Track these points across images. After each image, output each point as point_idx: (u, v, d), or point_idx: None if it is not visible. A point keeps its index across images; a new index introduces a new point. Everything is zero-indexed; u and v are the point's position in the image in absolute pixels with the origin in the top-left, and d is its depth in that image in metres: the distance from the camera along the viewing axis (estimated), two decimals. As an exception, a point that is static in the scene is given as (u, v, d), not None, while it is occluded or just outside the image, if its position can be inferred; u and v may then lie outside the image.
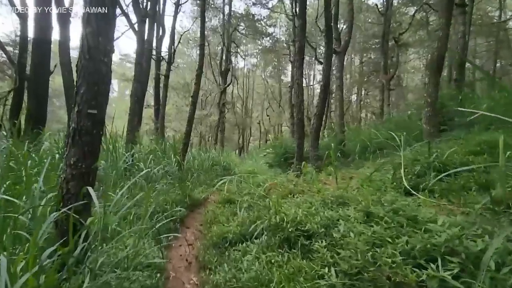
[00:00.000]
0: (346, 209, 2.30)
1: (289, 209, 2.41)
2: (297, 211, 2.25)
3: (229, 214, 3.42)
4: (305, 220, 2.10)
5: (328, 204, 2.60)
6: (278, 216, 2.18)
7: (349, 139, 9.76)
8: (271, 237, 2.08)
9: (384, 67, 14.85)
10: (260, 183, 5.65)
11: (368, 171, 4.88)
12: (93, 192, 1.90)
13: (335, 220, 2.08)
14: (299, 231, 2.02)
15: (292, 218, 2.12)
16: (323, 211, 2.34)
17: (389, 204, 2.14)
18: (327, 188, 4.27)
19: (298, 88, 6.81)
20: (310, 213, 2.21)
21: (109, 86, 2.13)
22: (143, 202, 4.08)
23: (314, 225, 2.00)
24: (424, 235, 1.66)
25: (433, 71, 6.14)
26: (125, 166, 5.51)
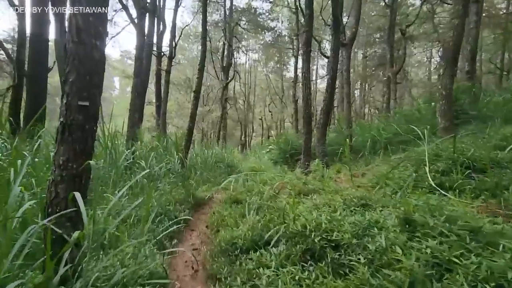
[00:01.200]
0: (373, 213, 2.03)
1: (308, 212, 2.16)
2: (319, 216, 1.98)
3: (237, 216, 3.16)
4: (330, 227, 1.82)
5: (351, 206, 2.34)
6: (299, 222, 1.91)
7: (356, 134, 9.46)
8: (291, 247, 1.82)
9: (390, 60, 14.45)
10: (267, 181, 5.40)
11: (382, 168, 4.60)
12: (81, 199, 1.64)
13: (365, 227, 1.81)
14: (325, 241, 1.74)
15: (316, 225, 1.85)
16: (348, 215, 2.08)
17: (435, 210, 1.81)
18: (342, 187, 4.01)
19: (305, 81, 6.52)
20: (335, 219, 1.94)
21: (103, 74, 1.86)
22: (145, 203, 3.85)
23: (345, 235, 1.71)
24: (506, 256, 1.35)
25: (449, 61, 5.82)
26: (125, 164, 5.29)
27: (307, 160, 6.72)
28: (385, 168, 4.37)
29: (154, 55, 14.21)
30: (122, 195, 3.68)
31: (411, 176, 3.12)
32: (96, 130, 1.89)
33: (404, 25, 14.07)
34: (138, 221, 3.29)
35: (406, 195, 2.71)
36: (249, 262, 1.94)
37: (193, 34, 26.38)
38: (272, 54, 29.99)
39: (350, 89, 9.78)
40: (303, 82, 6.63)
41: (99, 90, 1.83)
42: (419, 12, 14.64)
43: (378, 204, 2.33)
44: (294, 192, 4.08)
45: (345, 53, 9.29)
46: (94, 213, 2.02)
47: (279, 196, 3.46)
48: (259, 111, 33.22)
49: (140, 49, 7.12)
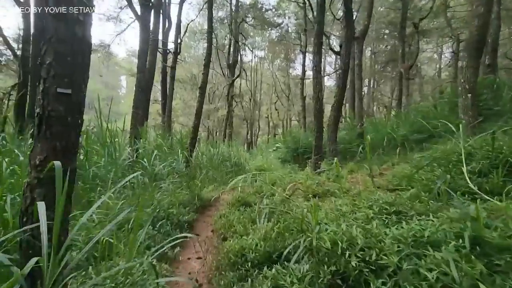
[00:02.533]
0: (413, 223, 1.68)
1: (331, 221, 1.83)
2: (349, 228, 1.64)
3: (246, 221, 2.85)
4: (366, 243, 1.48)
5: (382, 214, 2.00)
6: (326, 236, 1.57)
7: (368, 132, 9.05)
8: (316, 266, 1.49)
9: (402, 55, 13.92)
10: (276, 181, 5.08)
11: (402, 168, 4.23)
12: (43, 211, 1.33)
13: (413, 245, 1.46)
14: (363, 262, 1.40)
15: (348, 240, 1.52)
16: (380, 224, 1.75)
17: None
18: (360, 188, 3.66)
19: (316, 75, 6.16)
20: (371, 232, 1.60)
21: (89, 57, 1.56)
22: (147, 204, 3.57)
23: (390, 256, 1.36)
24: None
25: (472, 53, 5.39)
26: (127, 163, 5.03)
27: (319, 159, 6.37)
28: (406, 168, 4.00)
29: (159, 52, 14.01)
30: (120, 197, 3.42)
31: (442, 177, 2.76)
32: (82, 124, 1.59)
33: (417, 18, 13.50)
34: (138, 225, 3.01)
35: (445, 200, 2.36)
36: (263, 281, 1.62)
37: (199, 32, 26.08)
38: (279, 51, 29.57)
39: (362, 85, 9.37)
40: (314, 76, 6.27)
41: (84, 75, 1.53)
42: (433, 5, 14.05)
43: (411, 211, 1.99)
44: (308, 194, 3.76)
45: (357, 47, 8.88)
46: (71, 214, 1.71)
47: (292, 199, 3.13)
48: (266, 108, 32.85)
49: (144, 43, 6.86)
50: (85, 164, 4.06)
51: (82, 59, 1.49)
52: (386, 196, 2.35)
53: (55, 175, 1.47)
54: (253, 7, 20.36)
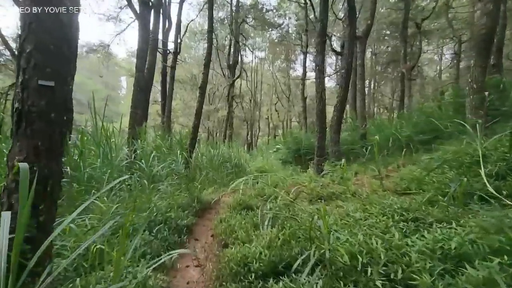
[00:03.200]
0: (434, 232, 1.52)
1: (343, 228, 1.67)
2: (367, 239, 1.48)
3: (248, 226, 2.69)
4: (389, 256, 1.31)
5: (398, 221, 1.83)
6: (342, 249, 1.41)
7: (371, 133, 8.89)
8: (332, 284, 1.32)
9: (404, 55, 13.78)
10: (278, 183, 4.91)
11: (409, 170, 4.07)
12: (7, 220, 1.16)
13: (440, 258, 1.30)
14: (386, 279, 1.23)
15: (367, 252, 1.36)
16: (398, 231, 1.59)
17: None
18: (366, 191, 3.50)
19: (319, 74, 6.01)
20: (392, 244, 1.43)
21: (76, 47, 1.40)
22: (143, 207, 3.41)
23: (422, 274, 1.18)
24: None
25: (481, 52, 5.24)
26: (125, 164, 4.87)
27: (321, 161, 6.21)
28: (414, 170, 3.84)
29: (159, 53, 13.85)
30: (115, 200, 3.25)
31: (456, 180, 2.60)
32: (69, 122, 1.43)
33: (419, 18, 13.37)
34: (134, 230, 2.85)
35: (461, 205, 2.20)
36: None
37: (199, 32, 25.95)
38: (279, 52, 29.44)
39: (364, 85, 9.21)
40: (317, 76, 6.11)
41: (70, 66, 1.37)
42: (436, 6, 13.92)
43: (429, 218, 1.83)
44: (312, 197, 3.60)
45: (359, 47, 8.73)
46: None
47: (296, 203, 2.97)
48: (266, 109, 32.70)
49: (143, 42, 6.70)
50: (80, 165, 3.90)
51: (67, 48, 1.33)
52: (399, 201, 2.19)
53: (38, 177, 1.31)
54: (254, 8, 20.24)
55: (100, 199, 3.13)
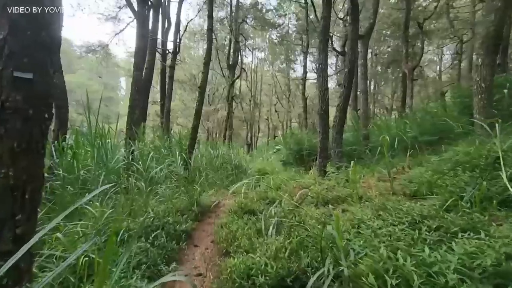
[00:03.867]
0: (463, 244, 1.35)
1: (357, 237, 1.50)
2: (392, 254, 1.30)
3: (251, 233, 2.52)
4: (419, 275, 1.14)
5: (421, 231, 1.65)
6: (366, 267, 1.24)
7: (373, 134, 8.73)
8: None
9: (405, 55, 13.65)
10: (281, 185, 4.75)
11: (418, 172, 3.90)
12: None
13: (481, 280, 1.13)
14: None
15: (395, 270, 1.18)
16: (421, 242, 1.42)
17: None
18: (373, 194, 3.33)
19: (322, 73, 5.85)
20: (422, 261, 1.26)
21: (58, 34, 1.23)
22: (140, 211, 3.24)
23: None
24: None
25: (489, 50, 5.08)
26: (122, 166, 4.70)
27: (324, 162, 6.04)
28: (423, 172, 3.67)
29: (158, 53, 13.70)
30: (110, 204, 3.08)
31: (473, 183, 2.44)
32: (49, 119, 1.26)
33: (421, 18, 13.25)
34: (130, 237, 2.68)
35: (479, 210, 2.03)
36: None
37: (198, 32, 25.82)
38: (279, 52, 29.33)
39: (367, 85, 9.06)
40: (320, 75, 5.96)
41: (51, 56, 1.20)
42: (437, 5, 13.80)
43: (452, 226, 1.66)
44: (317, 201, 3.43)
45: (362, 46, 8.59)
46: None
47: (302, 208, 2.80)
48: (266, 110, 32.57)
49: (141, 40, 6.54)
50: (74, 166, 3.73)
51: (48, 35, 1.16)
52: (417, 207, 2.02)
53: (13, 184, 1.14)
54: (254, 8, 20.12)
55: (93, 203, 2.96)
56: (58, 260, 1.93)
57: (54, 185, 3.53)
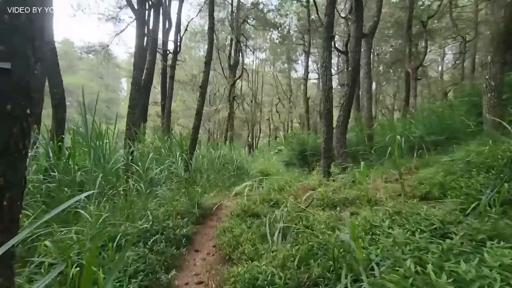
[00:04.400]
0: (498, 256, 1.20)
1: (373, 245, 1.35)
2: (418, 267, 1.16)
3: (255, 238, 2.38)
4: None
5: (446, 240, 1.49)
6: (392, 284, 1.10)
7: (377, 134, 8.57)
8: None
9: (409, 55, 13.49)
10: (285, 187, 4.60)
11: (428, 172, 3.74)
12: None
13: None
14: None
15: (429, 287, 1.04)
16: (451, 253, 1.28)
17: None
18: (380, 196, 3.18)
19: (326, 71, 5.71)
20: (458, 275, 1.12)
21: (42, 18, 1.09)
22: (138, 215, 3.10)
23: None
24: None
25: (499, 46, 4.93)
26: (121, 167, 4.57)
27: (328, 163, 5.89)
28: (433, 173, 3.52)
29: (159, 53, 13.60)
30: (106, 207, 2.94)
31: (492, 185, 2.29)
32: (32, 115, 1.12)
33: (424, 17, 13.08)
34: (126, 242, 2.54)
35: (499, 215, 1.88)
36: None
37: (199, 33, 25.73)
38: (280, 53, 29.20)
39: (371, 85, 8.91)
40: (323, 73, 5.81)
41: (33, 44, 1.06)
42: (441, 4, 13.63)
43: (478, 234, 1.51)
44: (324, 203, 3.29)
45: (365, 44, 8.43)
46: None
47: (309, 211, 2.65)
48: (268, 110, 32.45)
49: (140, 39, 6.41)
50: (70, 168, 3.60)
51: (28, 20, 1.03)
52: (435, 211, 1.87)
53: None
54: (255, 8, 20.00)
55: (90, 206, 2.83)
56: (48, 268, 1.80)
57: (51, 187, 3.40)
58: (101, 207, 2.92)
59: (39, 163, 3.69)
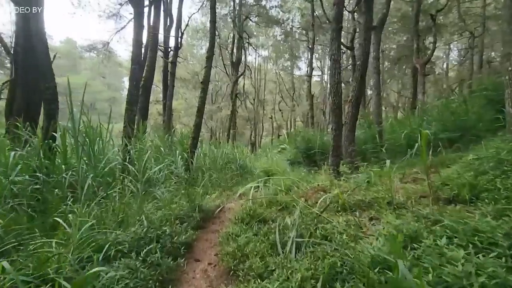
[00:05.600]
0: None
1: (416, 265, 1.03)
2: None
3: (264, 250, 2.06)
4: None
5: None
6: None
7: (386, 131, 8.22)
8: None
9: (416, 50, 13.07)
10: (293, 187, 4.28)
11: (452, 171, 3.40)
12: None
13: None
14: None
15: None
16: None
17: None
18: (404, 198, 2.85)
19: (335, 64, 5.36)
20: None
21: None
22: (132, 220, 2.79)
23: None
24: None
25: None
26: (117, 167, 4.27)
27: (338, 161, 5.55)
28: (460, 173, 3.17)
29: (160, 50, 13.32)
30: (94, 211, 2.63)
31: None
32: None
33: (434, 10, 12.67)
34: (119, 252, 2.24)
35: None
36: None
37: (201, 30, 25.41)
38: (283, 50, 28.83)
39: (380, 79, 8.52)
40: (332, 66, 5.46)
41: None
42: (449, -3, 13.19)
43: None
44: (338, 206, 2.96)
45: (374, 38, 8.05)
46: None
47: (324, 216, 2.33)
48: (271, 108, 32.13)
49: (138, 32, 6.09)
50: (62, 168, 3.31)
51: None
52: (491, 222, 1.53)
53: None
54: (257, 5, 19.64)
55: (79, 211, 2.53)
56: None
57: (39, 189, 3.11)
58: (90, 211, 2.62)
59: (27, 162, 3.40)
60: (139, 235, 2.44)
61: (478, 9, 17.35)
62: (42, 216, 2.79)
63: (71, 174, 3.24)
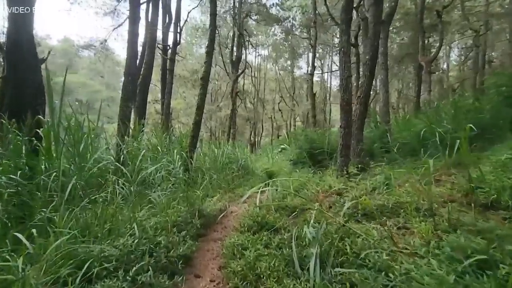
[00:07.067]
0: None
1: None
2: None
3: (279, 266, 1.69)
4: None
5: None
6: None
7: (395, 129, 7.86)
8: None
9: (422, 48, 12.75)
10: (301, 189, 3.92)
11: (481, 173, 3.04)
12: None
13: None
14: None
15: None
16: None
17: None
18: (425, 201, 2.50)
19: (344, 58, 5.00)
20: None
21: None
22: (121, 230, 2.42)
23: None
24: None
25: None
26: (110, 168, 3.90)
27: (347, 161, 5.19)
28: (499, 175, 2.81)
29: (159, 48, 12.95)
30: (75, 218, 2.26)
31: None
32: None
33: (440, 7, 12.35)
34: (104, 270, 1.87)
35: None
36: None
37: (200, 28, 25.04)
38: (283, 50, 28.49)
39: (387, 76, 8.17)
40: (341, 60, 5.12)
41: None
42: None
43: None
44: (356, 211, 2.60)
45: (382, 32, 7.70)
46: None
47: (352, 227, 1.96)
48: (271, 107, 31.79)
49: (133, 24, 5.73)
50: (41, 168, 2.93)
51: None
52: None
53: None
54: (257, 3, 19.30)
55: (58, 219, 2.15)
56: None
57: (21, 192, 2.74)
58: (72, 219, 2.24)
59: (6, 162, 3.02)
60: (129, 248, 2.07)
61: (481, 7, 17.09)
62: (19, 225, 2.43)
63: (55, 175, 2.87)
